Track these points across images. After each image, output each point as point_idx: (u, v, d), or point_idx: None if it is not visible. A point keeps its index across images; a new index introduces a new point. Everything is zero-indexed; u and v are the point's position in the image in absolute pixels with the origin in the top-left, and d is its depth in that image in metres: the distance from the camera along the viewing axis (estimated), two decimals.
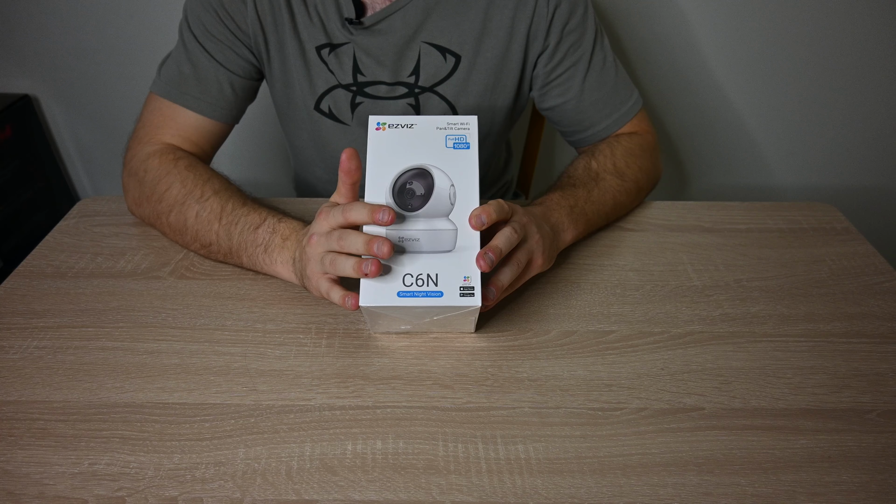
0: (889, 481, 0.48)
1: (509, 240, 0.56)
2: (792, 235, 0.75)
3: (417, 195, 0.56)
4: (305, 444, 0.50)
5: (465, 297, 0.53)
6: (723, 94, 1.27)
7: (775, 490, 0.47)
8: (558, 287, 0.67)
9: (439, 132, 0.58)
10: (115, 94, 1.30)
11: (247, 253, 0.65)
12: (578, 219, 0.69)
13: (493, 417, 0.53)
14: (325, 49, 0.78)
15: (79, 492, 0.47)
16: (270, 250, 0.64)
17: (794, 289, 0.67)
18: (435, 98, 0.80)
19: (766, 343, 0.60)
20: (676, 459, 0.49)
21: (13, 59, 1.27)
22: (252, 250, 0.65)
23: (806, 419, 0.53)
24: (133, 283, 0.67)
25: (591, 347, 0.59)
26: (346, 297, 0.55)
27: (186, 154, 0.74)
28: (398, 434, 0.51)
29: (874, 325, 0.62)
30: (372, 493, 0.47)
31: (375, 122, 0.59)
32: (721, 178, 1.41)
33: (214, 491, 0.47)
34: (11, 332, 0.61)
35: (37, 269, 0.69)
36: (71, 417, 0.52)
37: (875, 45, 1.20)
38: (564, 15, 0.76)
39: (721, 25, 1.18)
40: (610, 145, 0.78)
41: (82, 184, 1.48)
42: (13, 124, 1.29)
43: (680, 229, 0.76)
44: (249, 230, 0.65)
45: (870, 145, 1.34)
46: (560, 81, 0.79)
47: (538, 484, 0.47)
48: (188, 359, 0.58)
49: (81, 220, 0.77)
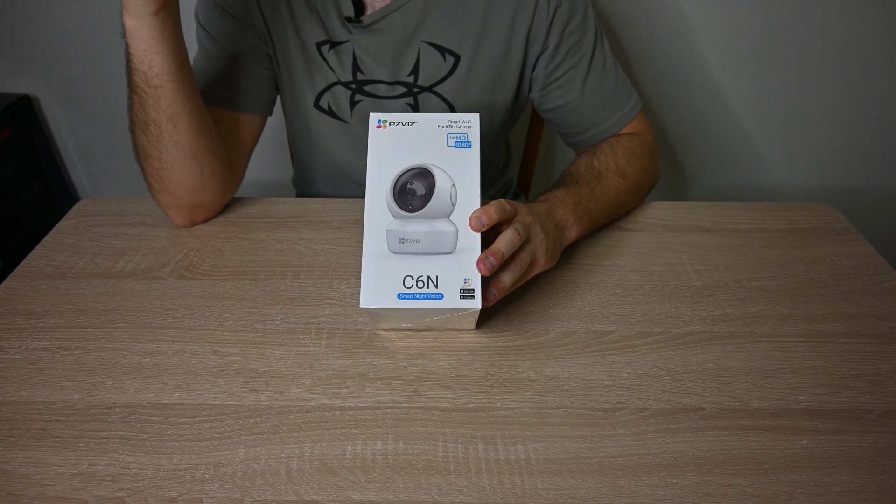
0: (889, 481, 0.48)
1: (511, 242, 0.55)
2: (792, 235, 0.75)
3: (418, 195, 0.55)
4: (305, 445, 0.50)
5: (465, 299, 0.53)
6: (722, 94, 1.27)
7: (775, 490, 0.47)
8: (558, 287, 0.67)
9: (441, 130, 0.58)
10: (115, 94, 1.30)
11: (130, 68, 0.65)
12: (582, 216, 0.69)
13: (492, 418, 0.53)
14: (326, 45, 0.78)
15: (78, 492, 0.47)
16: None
17: (794, 289, 0.67)
18: (434, 98, 0.80)
19: (766, 343, 0.60)
20: (676, 460, 0.49)
21: (13, 59, 1.27)
22: (128, 67, 0.65)
23: (806, 419, 0.53)
24: (133, 283, 0.67)
25: (591, 347, 0.59)
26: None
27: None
28: (398, 434, 0.51)
29: (874, 325, 0.62)
30: (372, 493, 0.47)
31: (376, 119, 0.59)
32: (721, 178, 1.41)
33: (214, 491, 0.47)
34: (11, 333, 0.61)
35: (36, 269, 0.69)
36: (70, 418, 0.52)
37: (875, 45, 1.20)
38: (565, 16, 0.76)
39: (721, 26, 1.18)
40: (611, 145, 0.78)
41: (82, 184, 1.48)
42: (13, 124, 1.29)
43: (680, 229, 0.76)
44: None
45: (870, 145, 1.34)
46: (560, 83, 0.79)
47: (538, 484, 0.47)
48: (188, 359, 0.58)
49: (81, 220, 0.77)
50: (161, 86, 0.65)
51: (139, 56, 0.64)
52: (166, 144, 0.68)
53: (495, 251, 0.54)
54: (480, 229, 0.55)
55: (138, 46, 0.63)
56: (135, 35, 0.62)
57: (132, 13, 0.61)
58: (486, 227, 0.55)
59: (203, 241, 0.73)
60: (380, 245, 0.55)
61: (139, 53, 0.63)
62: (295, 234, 0.74)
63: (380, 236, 0.55)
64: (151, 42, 0.63)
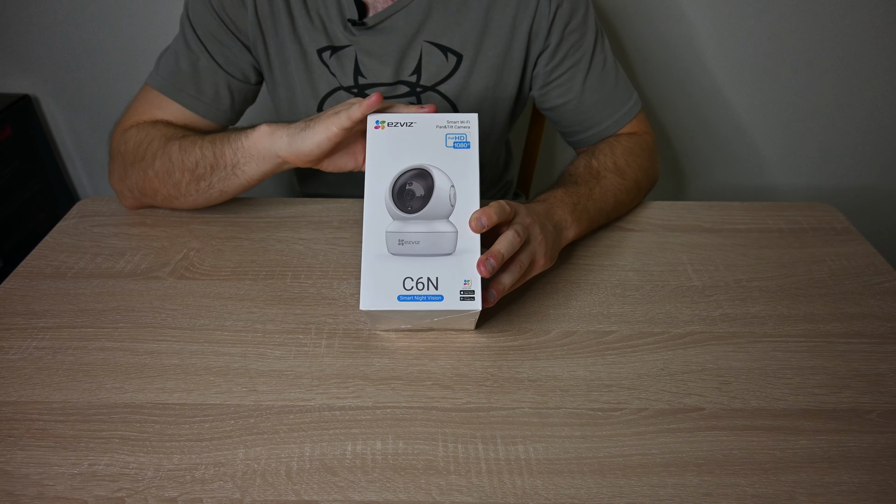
0: (889, 482, 0.48)
1: (511, 244, 0.55)
2: (792, 235, 0.75)
3: (417, 196, 0.55)
4: (305, 445, 0.50)
5: (465, 300, 0.53)
6: (722, 94, 1.27)
7: (775, 490, 0.47)
8: (558, 287, 0.67)
9: (439, 130, 0.58)
10: (115, 95, 1.30)
11: (230, 145, 0.66)
12: (581, 216, 0.69)
13: (492, 418, 0.53)
14: (327, 52, 0.78)
15: (78, 492, 0.47)
16: (254, 130, 0.65)
17: (794, 289, 0.67)
18: (436, 97, 0.80)
19: (766, 343, 0.60)
20: (676, 460, 0.49)
21: (13, 59, 1.27)
22: (235, 138, 0.66)
23: (806, 419, 0.53)
24: (133, 283, 0.67)
25: (591, 347, 0.59)
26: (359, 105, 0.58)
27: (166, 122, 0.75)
28: (398, 434, 0.51)
29: (874, 325, 0.62)
30: (372, 493, 0.47)
31: (374, 119, 0.58)
32: (721, 178, 1.41)
33: (214, 491, 0.47)
34: (11, 333, 0.61)
35: (36, 269, 0.69)
36: (70, 418, 0.52)
37: (875, 45, 1.20)
38: (566, 15, 0.76)
39: (721, 26, 1.18)
40: (610, 144, 0.78)
41: (82, 184, 1.48)
42: (13, 124, 1.29)
43: (680, 229, 0.76)
44: (235, 133, 0.67)
45: (870, 145, 1.34)
46: (561, 82, 0.79)
47: (538, 484, 0.47)
48: (188, 359, 0.58)
49: (81, 220, 0.77)
50: (237, 176, 0.68)
51: (246, 154, 0.66)
52: (198, 194, 0.71)
53: (495, 253, 0.54)
54: (480, 231, 0.55)
55: (253, 153, 0.65)
56: (260, 150, 0.65)
57: (281, 150, 0.63)
58: (485, 229, 0.55)
59: (203, 241, 0.73)
60: (379, 247, 0.55)
61: (248, 154, 0.66)
62: (295, 234, 0.74)
63: (379, 238, 0.55)
64: (263, 163, 0.66)
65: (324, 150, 0.61)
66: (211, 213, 0.77)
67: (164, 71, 0.76)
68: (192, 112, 0.76)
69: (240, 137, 0.66)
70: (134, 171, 0.72)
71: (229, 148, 0.66)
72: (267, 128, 0.64)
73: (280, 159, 0.64)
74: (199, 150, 0.68)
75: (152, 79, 0.77)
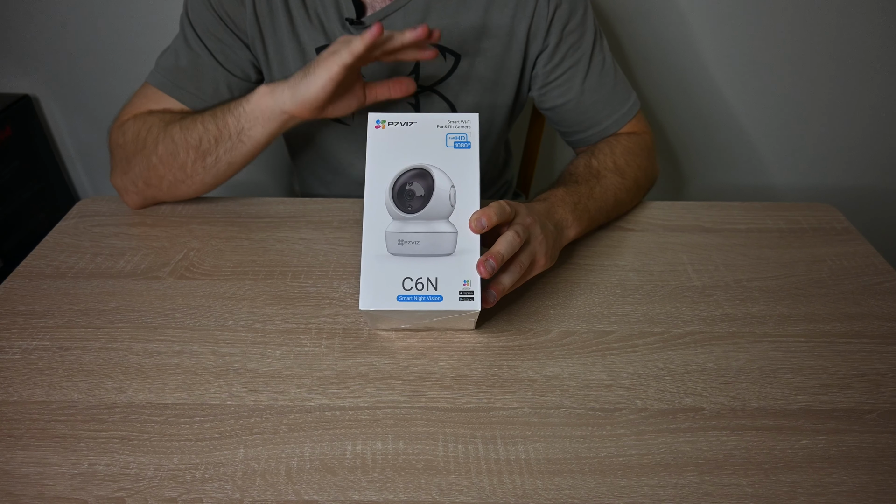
0: (889, 481, 0.48)
1: (511, 244, 0.55)
2: (792, 235, 0.75)
3: (417, 196, 0.55)
4: (305, 445, 0.50)
5: (464, 301, 0.53)
6: (722, 94, 1.27)
7: (775, 490, 0.47)
8: (558, 287, 0.67)
9: (440, 130, 0.58)
10: (115, 95, 1.30)
11: (232, 113, 0.67)
12: (582, 215, 0.69)
13: (492, 418, 0.53)
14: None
15: (78, 492, 0.47)
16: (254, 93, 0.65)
17: (794, 289, 0.67)
18: (435, 97, 0.80)
19: (766, 343, 0.60)
20: (676, 460, 0.49)
21: (13, 59, 1.27)
22: (235, 105, 0.67)
23: (806, 419, 0.53)
24: (133, 283, 0.67)
25: (591, 347, 0.59)
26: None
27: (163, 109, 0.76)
28: (398, 434, 0.51)
29: (874, 325, 0.62)
30: (372, 493, 0.47)
31: (375, 119, 0.58)
32: (720, 177, 1.41)
33: (214, 491, 0.47)
34: (11, 333, 0.61)
35: (36, 269, 0.69)
36: (70, 418, 0.52)
37: (874, 45, 1.20)
38: (564, 15, 0.76)
39: (720, 25, 1.18)
40: (609, 144, 0.79)
41: (82, 184, 1.48)
42: (13, 124, 1.29)
43: (680, 229, 0.76)
44: (235, 101, 0.67)
45: (870, 145, 1.34)
46: (560, 82, 0.80)
47: (538, 484, 0.47)
48: (188, 359, 0.58)
49: (81, 220, 0.77)
50: (243, 143, 0.68)
51: (250, 118, 0.66)
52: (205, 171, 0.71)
53: (495, 254, 0.54)
54: (480, 231, 0.55)
55: (257, 115, 0.65)
56: (264, 110, 0.65)
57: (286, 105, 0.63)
58: (485, 230, 0.55)
59: (203, 241, 0.73)
60: (379, 247, 0.55)
61: (251, 117, 0.66)
62: (295, 234, 0.74)
63: (379, 238, 0.55)
64: (268, 122, 0.66)
65: (328, 91, 0.62)
66: (211, 213, 0.77)
67: (163, 68, 0.77)
68: (191, 109, 0.76)
69: (240, 104, 0.66)
70: (136, 160, 0.72)
71: (231, 116, 0.67)
72: (266, 87, 0.65)
73: (286, 115, 0.64)
74: (200, 125, 0.68)
75: (152, 76, 0.77)
